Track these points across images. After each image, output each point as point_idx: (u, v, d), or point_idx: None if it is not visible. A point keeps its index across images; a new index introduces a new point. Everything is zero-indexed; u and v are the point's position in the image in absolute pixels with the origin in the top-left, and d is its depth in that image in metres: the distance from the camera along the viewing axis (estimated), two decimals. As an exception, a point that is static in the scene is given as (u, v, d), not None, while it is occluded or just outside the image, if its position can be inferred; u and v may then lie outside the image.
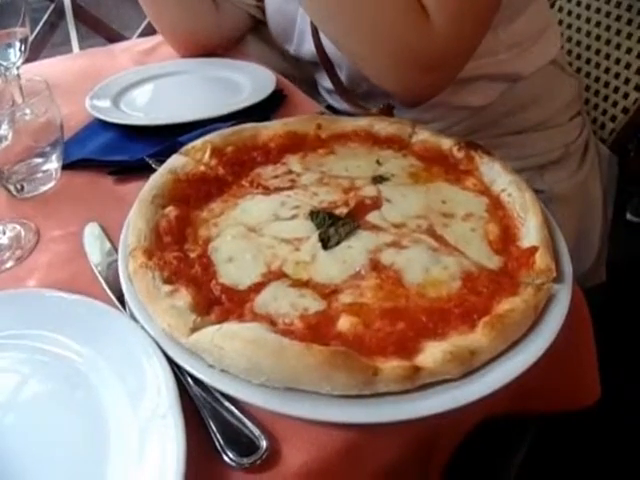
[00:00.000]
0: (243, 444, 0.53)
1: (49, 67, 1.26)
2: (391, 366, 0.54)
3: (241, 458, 0.52)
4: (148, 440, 0.53)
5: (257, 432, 0.54)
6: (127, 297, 0.65)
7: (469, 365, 0.56)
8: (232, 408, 0.55)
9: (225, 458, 0.52)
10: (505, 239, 0.70)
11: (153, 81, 1.15)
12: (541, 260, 0.65)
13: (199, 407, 0.56)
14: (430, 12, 0.81)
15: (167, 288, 0.62)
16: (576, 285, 0.68)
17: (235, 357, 0.55)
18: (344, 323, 0.59)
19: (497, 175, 0.77)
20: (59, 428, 0.56)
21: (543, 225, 0.70)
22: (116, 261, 0.70)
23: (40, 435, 0.56)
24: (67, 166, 0.92)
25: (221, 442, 0.53)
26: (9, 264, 0.77)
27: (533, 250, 0.66)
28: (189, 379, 0.58)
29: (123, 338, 0.61)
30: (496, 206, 0.74)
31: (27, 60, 1.09)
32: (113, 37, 1.69)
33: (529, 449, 0.83)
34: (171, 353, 0.58)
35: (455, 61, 0.87)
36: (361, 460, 0.56)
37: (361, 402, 0.54)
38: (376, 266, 0.65)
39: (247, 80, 1.11)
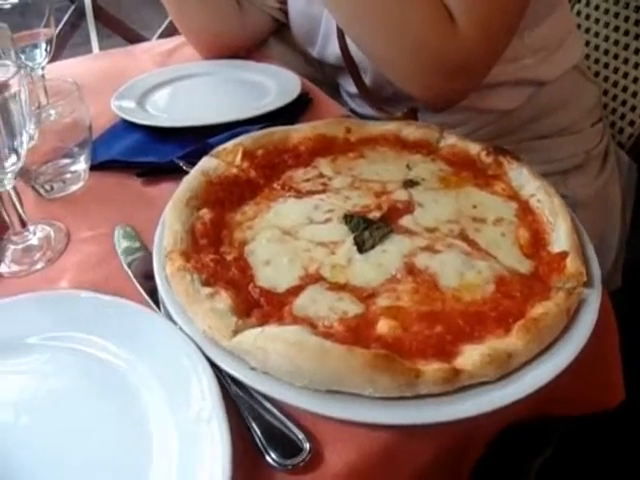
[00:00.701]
0: (286, 446, 0.54)
1: (71, 67, 1.27)
2: (432, 369, 0.55)
3: (284, 460, 0.53)
4: (192, 444, 0.53)
5: (300, 434, 0.54)
6: (164, 299, 0.65)
7: (506, 368, 0.58)
8: (274, 410, 0.56)
9: (268, 459, 0.53)
10: (535, 244, 0.71)
11: (178, 82, 1.16)
12: (572, 265, 0.66)
13: (240, 409, 0.57)
14: (456, 18, 0.81)
15: (207, 290, 0.63)
16: (604, 289, 0.69)
17: (278, 359, 0.56)
18: (383, 326, 0.60)
19: (526, 180, 0.78)
20: (100, 432, 0.57)
21: (572, 230, 0.71)
22: (148, 262, 0.71)
23: (80, 438, 0.56)
24: (95, 167, 0.93)
25: (264, 444, 0.54)
26: (39, 265, 0.78)
27: (564, 255, 0.68)
28: (230, 381, 0.59)
29: (162, 340, 0.62)
30: (525, 211, 0.75)
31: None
32: (133, 38, 1.70)
33: (553, 451, 0.85)
34: (212, 355, 0.59)
35: (480, 67, 0.87)
36: (400, 461, 0.57)
37: (401, 404, 0.55)
38: (411, 270, 0.66)
39: (272, 83, 1.12)
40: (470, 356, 0.57)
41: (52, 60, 1.12)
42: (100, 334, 0.64)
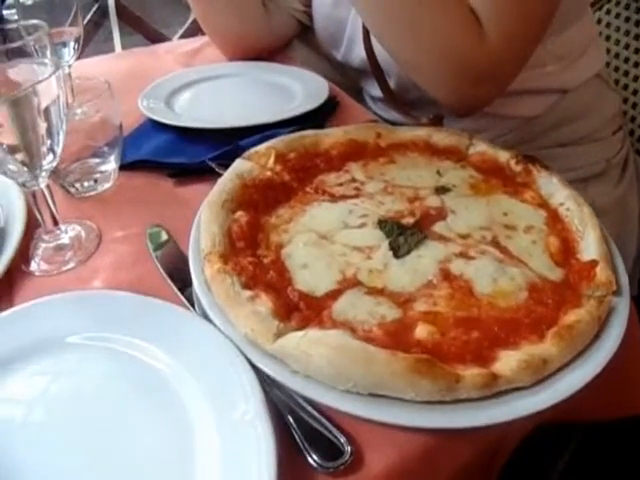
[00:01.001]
0: (327, 448, 0.55)
1: (95, 66, 1.27)
2: (471, 374, 0.57)
3: (326, 462, 0.54)
4: (236, 447, 0.54)
5: (342, 437, 0.55)
6: (203, 301, 0.66)
7: (541, 373, 0.59)
8: (315, 413, 0.57)
9: (310, 461, 0.54)
10: (565, 252, 0.72)
11: (204, 83, 1.17)
12: (602, 273, 0.68)
13: (282, 411, 0.57)
14: (484, 24, 0.82)
15: (247, 293, 0.63)
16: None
17: (322, 363, 0.57)
18: (421, 331, 0.61)
19: (555, 189, 0.79)
20: (140, 434, 0.57)
21: (602, 239, 0.72)
22: (175, 262, 0.73)
23: (120, 440, 0.57)
24: (124, 167, 0.93)
25: (306, 446, 0.55)
26: (71, 264, 0.79)
27: (594, 263, 0.69)
28: (270, 383, 0.59)
29: (202, 342, 0.63)
30: (555, 219, 0.76)
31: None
32: (154, 37, 1.70)
33: (575, 455, 0.86)
34: (253, 358, 0.60)
35: (506, 74, 0.88)
36: (438, 463, 0.59)
37: (441, 408, 0.57)
38: (447, 276, 0.67)
39: (299, 86, 1.12)
40: (507, 362, 0.58)
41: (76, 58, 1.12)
42: (140, 335, 0.65)
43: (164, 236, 0.80)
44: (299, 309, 0.64)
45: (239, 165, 0.81)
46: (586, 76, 1.08)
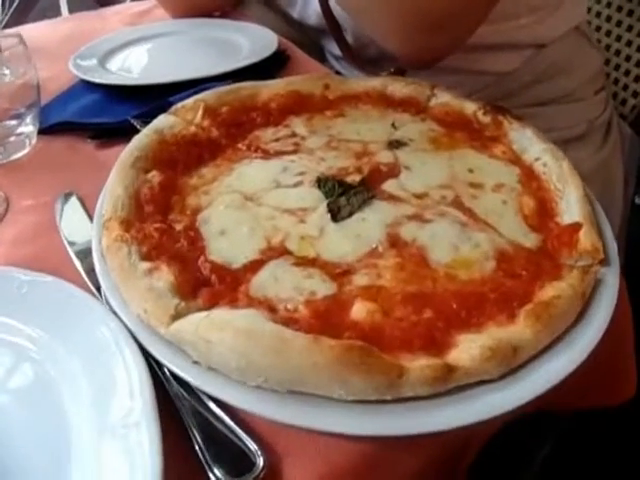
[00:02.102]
0: (235, 460, 0.41)
1: (33, 30, 1.09)
2: (419, 365, 0.41)
3: (232, 478, 0.39)
4: (116, 453, 0.40)
5: (253, 446, 0.41)
6: (99, 276, 0.51)
7: (511, 363, 0.44)
8: (223, 415, 0.43)
9: (212, 478, 0.39)
10: (542, 214, 0.57)
11: (145, 42, 1.00)
12: (586, 238, 0.52)
13: (181, 413, 0.43)
14: None
15: (145, 265, 0.48)
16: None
17: (225, 352, 0.42)
18: (359, 310, 0.45)
19: (529, 143, 0.64)
20: (15, 432, 0.44)
21: (585, 198, 0.57)
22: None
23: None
24: (45, 131, 0.78)
25: (207, 458, 0.40)
26: (-29, 237, 0.64)
27: (576, 227, 0.54)
28: (170, 378, 0.45)
29: (94, 327, 0.48)
30: (529, 177, 0.61)
31: (13, 24, 0.95)
32: (106, 2, 1.52)
33: (556, 446, 0.71)
34: (148, 346, 0.45)
35: (463, 24, 0.73)
36: (378, 478, 0.43)
37: (380, 409, 0.42)
38: (396, 242, 0.52)
39: (246, 40, 0.96)
40: (467, 349, 0.43)
41: (18, 24, 0.97)
42: (22, 318, 0.50)
43: (76, 204, 0.65)
44: (210, 284, 0.48)
45: (161, 121, 0.65)
46: (563, 29, 0.92)
